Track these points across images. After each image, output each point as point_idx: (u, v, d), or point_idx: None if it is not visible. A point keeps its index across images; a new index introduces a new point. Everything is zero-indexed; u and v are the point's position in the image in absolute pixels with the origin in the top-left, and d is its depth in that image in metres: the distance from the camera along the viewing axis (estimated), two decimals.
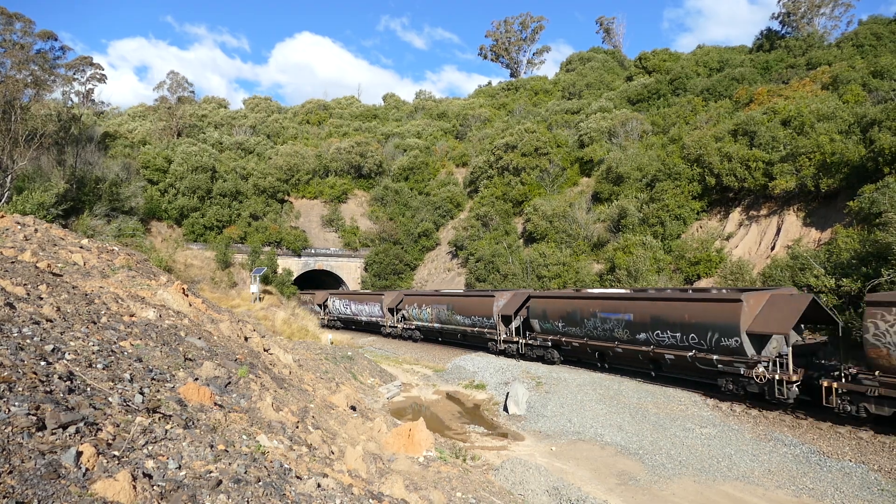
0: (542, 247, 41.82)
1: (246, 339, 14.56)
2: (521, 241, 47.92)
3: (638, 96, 58.36)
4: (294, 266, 55.18)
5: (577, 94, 69.47)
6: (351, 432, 11.02)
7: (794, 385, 16.74)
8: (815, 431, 15.59)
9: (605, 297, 24.13)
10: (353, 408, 13.66)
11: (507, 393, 20.51)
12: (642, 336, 21.47)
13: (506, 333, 29.70)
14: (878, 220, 23.67)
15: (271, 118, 78.72)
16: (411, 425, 11.33)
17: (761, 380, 17.33)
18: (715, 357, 18.65)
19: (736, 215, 35.14)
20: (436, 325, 36.21)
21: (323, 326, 47.62)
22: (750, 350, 17.83)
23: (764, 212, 33.48)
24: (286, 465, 6.44)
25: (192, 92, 72.07)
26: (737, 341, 17.92)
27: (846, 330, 17.49)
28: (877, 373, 14.65)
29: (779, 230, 31.65)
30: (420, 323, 38.04)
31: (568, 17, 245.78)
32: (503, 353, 29.68)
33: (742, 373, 17.91)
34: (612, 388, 21.22)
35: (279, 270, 51.62)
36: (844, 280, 22.59)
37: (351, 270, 58.67)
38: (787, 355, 17.10)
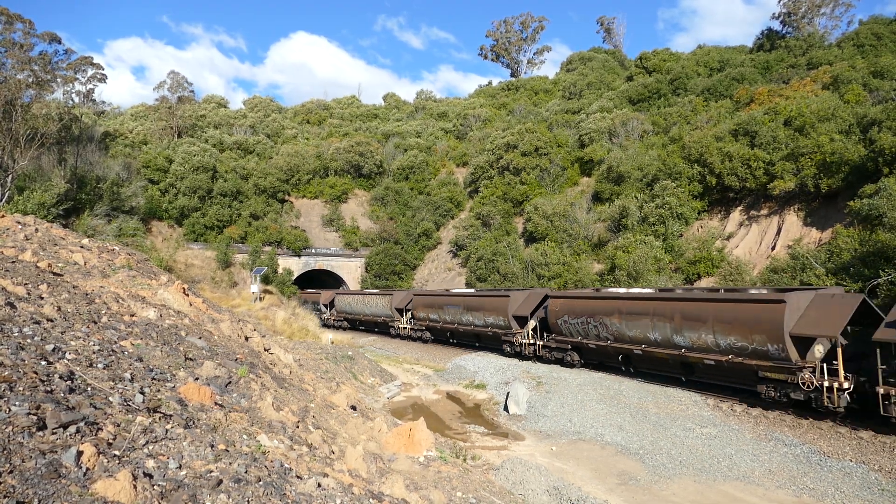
0: (543, 246, 41.82)
1: (246, 338, 14.56)
2: (522, 240, 47.92)
3: (638, 96, 58.34)
4: (294, 266, 55.19)
5: (577, 94, 69.46)
6: (351, 432, 11.03)
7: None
8: (815, 431, 15.58)
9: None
10: (354, 407, 13.66)
11: (508, 393, 20.51)
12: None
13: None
14: (878, 221, 23.69)
15: (271, 118, 78.74)
16: (411, 425, 11.33)
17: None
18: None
19: (736, 215, 35.13)
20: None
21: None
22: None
23: (764, 211, 33.47)
24: (286, 465, 6.44)
25: (192, 92, 72.19)
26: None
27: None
28: None
29: (779, 230, 31.64)
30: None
31: (563, 18, 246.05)
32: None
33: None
34: (613, 388, 21.21)
35: (279, 270, 51.63)
36: (846, 280, 22.59)
37: (351, 270, 58.68)
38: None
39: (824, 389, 15.86)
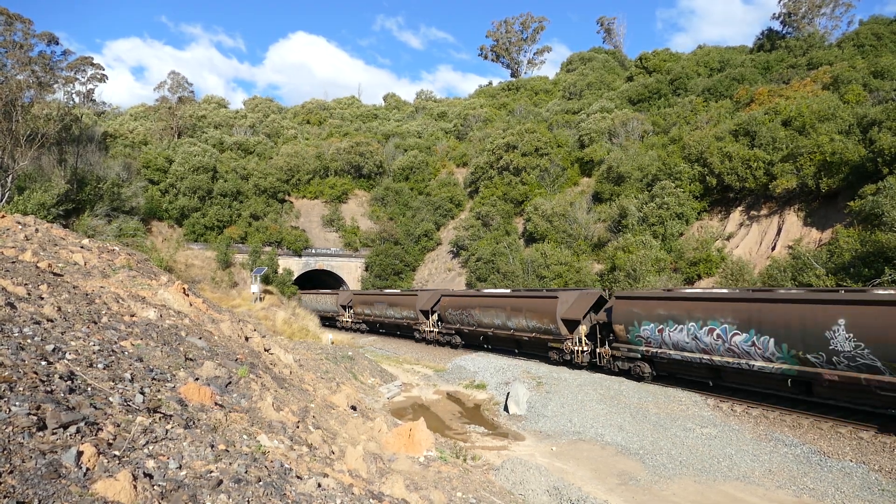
0: (543, 247, 41.82)
1: (246, 338, 14.56)
2: (522, 240, 47.94)
3: (639, 96, 58.37)
4: (294, 266, 55.21)
5: (577, 95, 69.48)
6: (351, 432, 11.03)
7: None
8: (815, 431, 15.57)
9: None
10: (354, 407, 13.66)
11: (508, 393, 20.50)
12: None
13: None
14: (878, 220, 23.69)
15: (271, 118, 78.78)
16: (412, 425, 11.33)
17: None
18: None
19: (736, 215, 35.13)
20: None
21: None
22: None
23: (764, 212, 33.47)
24: (286, 465, 6.44)
25: (192, 92, 72.23)
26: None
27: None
28: None
29: (779, 230, 31.64)
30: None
31: (561, 18, 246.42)
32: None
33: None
34: (613, 388, 21.20)
35: (280, 270, 51.67)
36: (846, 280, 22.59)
37: (351, 270, 58.70)
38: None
39: (577, 353, 24.32)
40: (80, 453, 4.36)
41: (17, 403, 4.68)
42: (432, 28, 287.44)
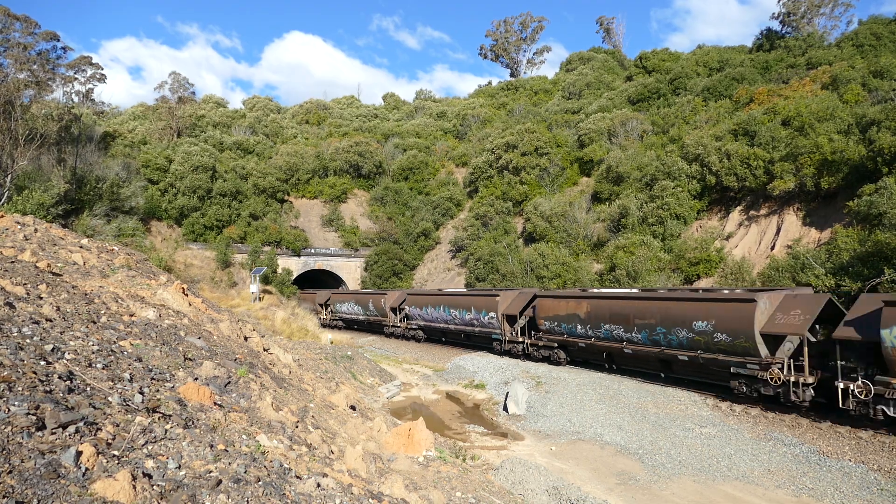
0: (542, 247, 41.83)
1: (246, 338, 14.56)
2: (521, 240, 47.93)
3: (638, 96, 58.37)
4: (294, 266, 55.19)
5: (577, 94, 69.49)
6: (351, 432, 11.02)
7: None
8: (814, 431, 15.58)
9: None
10: (353, 407, 13.66)
11: (507, 393, 20.50)
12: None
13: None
14: (877, 220, 23.70)
15: (270, 118, 78.73)
16: (411, 425, 11.33)
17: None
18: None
19: (736, 215, 35.13)
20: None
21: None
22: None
23: (764, 211, 33.48)
24: (286, 465, 6.44)
25: (193, 93, 72.16)
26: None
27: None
28: None
29: (778, 230, 31.65)
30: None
31: (558, 18, 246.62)
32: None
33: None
34: (612, 387, 21.21)
35: (279, 270, 51.66)
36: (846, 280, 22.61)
37: (351, 270, 58.70)
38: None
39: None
40: (79, 453, 4.36)
41: (16, 403, 4.68)
42: (428, 28, 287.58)
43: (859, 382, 15.12)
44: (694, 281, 32.06)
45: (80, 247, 16.43)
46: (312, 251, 57.21)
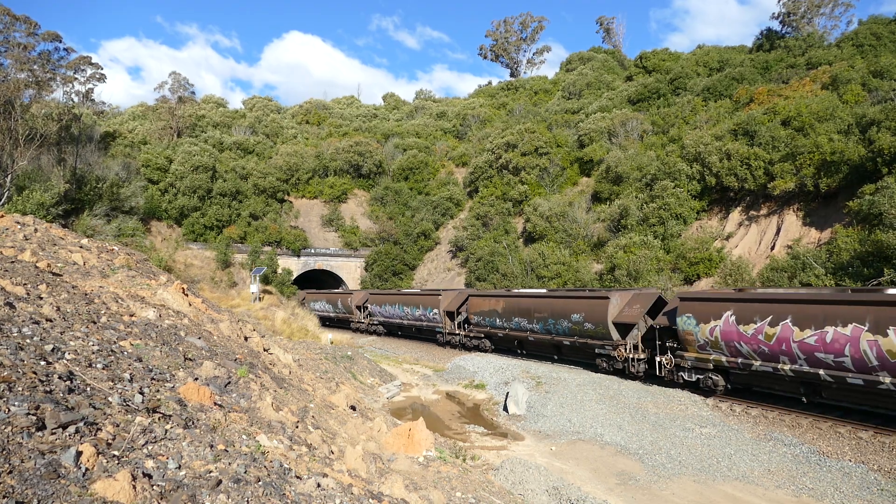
0: (542, 247, 41.83)
1: (246, 338, 14.56)
2: (521, 240, 47.93)
3: (638, 96, 58.38)
4: (294, 266, 55.20)
5: (577, 94, 69.48)
6: (351, 432, 11.02)
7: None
8: (814, 431, 15.59)
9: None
10: (353, 407, 13.66)
11: (507, 393, 20.50)
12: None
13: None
14: (877, 220, 23.71)
15: (270, 118, 78.73)
16: (411, 425, 11.33)
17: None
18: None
19: (736, 215, 35.14)
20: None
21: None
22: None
23: (764, 211, 33.49)
24: (286, 465, 6.44)
25: (193, 93, 72.16)
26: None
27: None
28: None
29: (778, 230, 31.66)
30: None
31: (557, 18, 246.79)
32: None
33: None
34: (612, 387, 21.22)
35: (279, 270, 51.66)
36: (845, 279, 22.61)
37: (351, 270, 58.70)
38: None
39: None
40: (79, 453, 4.36)
41: (16, 403, 4.68)
42: (428, 28, 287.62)
43: (668, 356, 20.57)
44: (694, 281, 32.07)
45: (80, 247, 16.43)
46: (312, 251, 57.21)
